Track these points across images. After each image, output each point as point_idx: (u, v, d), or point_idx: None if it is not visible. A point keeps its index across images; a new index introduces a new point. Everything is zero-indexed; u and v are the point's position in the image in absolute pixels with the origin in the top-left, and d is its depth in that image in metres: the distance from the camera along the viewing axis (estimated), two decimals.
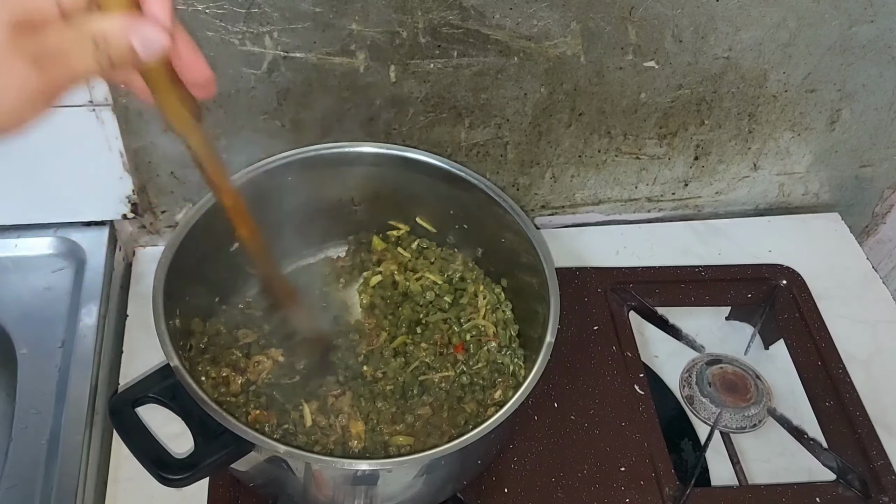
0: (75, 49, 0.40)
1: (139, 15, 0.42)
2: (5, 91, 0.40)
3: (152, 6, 0.42)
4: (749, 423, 0.81)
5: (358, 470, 0.58)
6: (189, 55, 0.45)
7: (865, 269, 0.98)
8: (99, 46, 0.40)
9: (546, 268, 0.69)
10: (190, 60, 0.46)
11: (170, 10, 0.42)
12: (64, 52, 0.40)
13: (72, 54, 0.40)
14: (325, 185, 0.77)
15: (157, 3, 0.42)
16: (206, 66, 0.46)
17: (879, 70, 0.89)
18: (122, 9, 0.41)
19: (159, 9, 0.42)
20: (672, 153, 0.94)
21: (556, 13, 0.77)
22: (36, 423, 0.72)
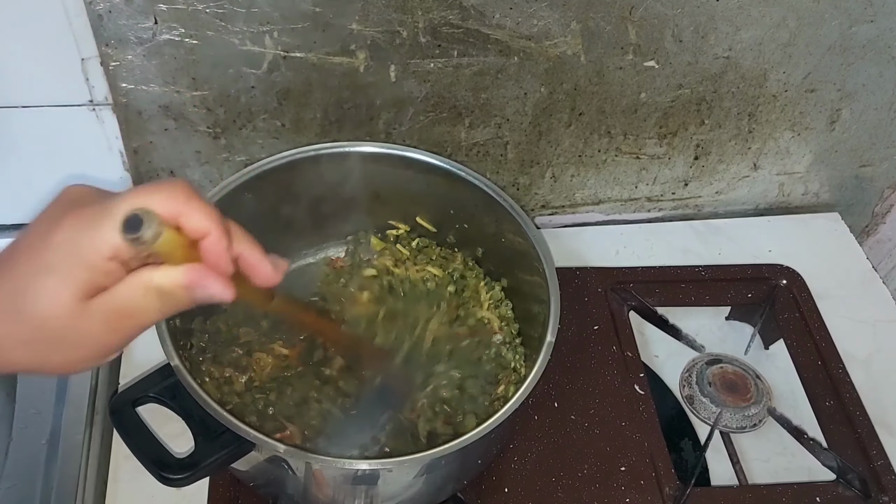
0: (142, 305, 0.43)
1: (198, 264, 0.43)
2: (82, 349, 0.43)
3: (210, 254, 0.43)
4: (749, 422, 0.81)
5: (358, 469, 0.58)
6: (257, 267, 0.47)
7: (865, 268, 0.98)
8: (163, 299, 0.43)
9: (546, 267, 0.69)
10: (259, 271, 0.48)
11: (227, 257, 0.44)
12: (132, 310, 0.43)
13: (139, 310, 0.43)
14: (325, 184, 0.77)
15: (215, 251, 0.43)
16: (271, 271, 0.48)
17: (879, 70, 0.89)
18: (181, 260, 0.43)
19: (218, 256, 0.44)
20: (672, 153, 0.94)
21: (556, 13, 0.77)
22: (36, 422, 0.72)
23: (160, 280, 0.42)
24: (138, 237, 0.40)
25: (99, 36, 0.72)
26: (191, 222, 0.42)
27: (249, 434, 0.57)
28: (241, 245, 0.46)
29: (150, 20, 0.71)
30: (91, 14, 0.70)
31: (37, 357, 0.43)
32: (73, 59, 0.72)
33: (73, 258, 0.41)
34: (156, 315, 0.43)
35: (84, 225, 0.42)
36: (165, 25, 0.72)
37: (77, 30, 0.70)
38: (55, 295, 0.41)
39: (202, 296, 0.43)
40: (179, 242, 0.42)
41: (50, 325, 0.41)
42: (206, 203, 0.43)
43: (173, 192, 0.42)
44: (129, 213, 0.40)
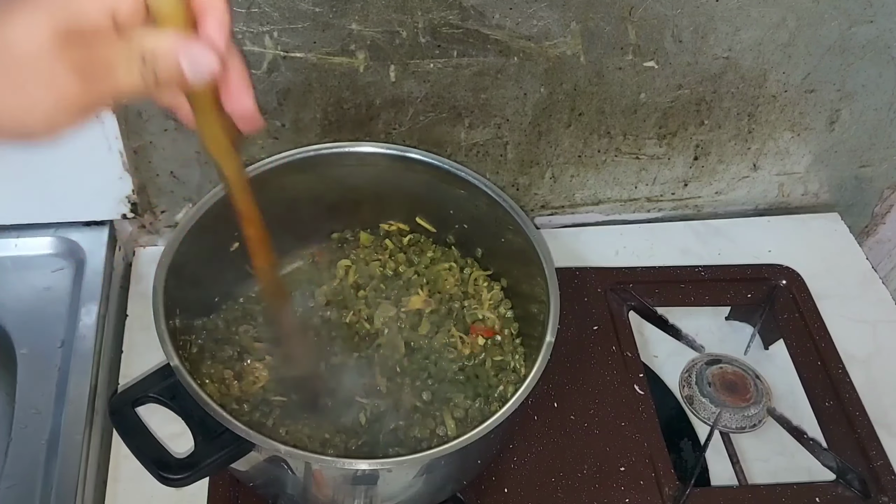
0: (122, 63, 0.39)
1: (193, 35, 0.41)
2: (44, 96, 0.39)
3: (208, 28, 0.41)
4: (749, 422, 0.81)
5: (358, 469, 0.58)
6: (238, 86, 0.45)
7: (865, 269, 0.98)
8: (147, 63, 0.39)
9: (546, 268, 0.69)
10: (238, 91, 0.45)
11: (226, 34, 0.41)
12: (110, 65, 0.39)
13: (118, 68, 0.39)
14: (324, 185, 0.77)
15: (213, 25, 0.41)
16: (252, 101, 0.45)
17: (879, 70, 0.89)
18: (177, 26, 0.40)
19: (215, 31, 0.41)
20: (672, 153, 0.94)
21: (556, 13, 0.77)
22: (36, 422, 0.72)
23: (149, 41, 0.39)
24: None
25: None
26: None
27: (249, 434, 0.57)
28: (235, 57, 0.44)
29: None
30: None
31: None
32: None
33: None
34: (135, 79, 0.40)
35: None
36: None
37: None
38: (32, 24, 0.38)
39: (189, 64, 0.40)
40: (180, 6, 0.40)
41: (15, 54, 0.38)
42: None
43: None
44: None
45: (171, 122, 0.80)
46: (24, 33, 0.38)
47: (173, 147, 0.82)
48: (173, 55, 0.39)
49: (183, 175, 0.85)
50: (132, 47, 0.39)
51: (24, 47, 0.38)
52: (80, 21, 0.38)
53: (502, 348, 0.77)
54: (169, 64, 0.39)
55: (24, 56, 0.38)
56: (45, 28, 0.38)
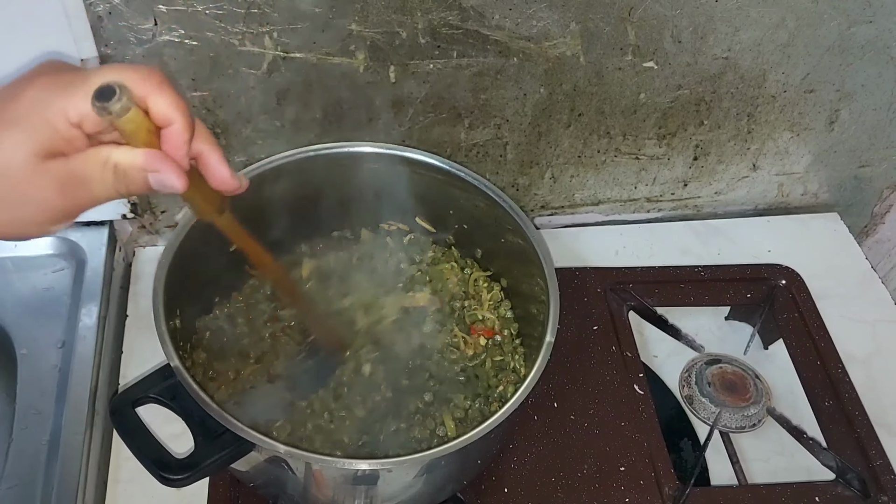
0: (97, 176, 0.43)
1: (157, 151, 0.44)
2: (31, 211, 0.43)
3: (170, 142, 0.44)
4: (748, 422, 0.81)
5: (358, 470, 0.58)
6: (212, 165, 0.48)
7: (864, 268, 0.98)
8: (118, 177, 0.43)
9: (546, 268, 0.69)
10: (214, 169, 0.48)
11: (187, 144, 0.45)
12: (86, 178, 0.43)
13: (93, 181, 0.43)
14: (324, 185, 0.77)
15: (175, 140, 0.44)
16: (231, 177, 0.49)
17: (878, 70, 0.89)
18: (142, 143, 0.44)
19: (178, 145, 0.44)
20: (671, 153, 0.94)
21: (556, 14, 0.77)
22: (36, 423, 0.72)
23: (118, 157, 0.43)
24: (107, 107, 0.41)
25: (99, 37, 0.72)
26: (158, 106, 0.44)
27: (249, 434, 0.57)
28: (202, 144, 0.47)
29: (149, 21, 0.71)
30: (91, 15, 0.70)
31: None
32: (73, 60, 0.72)
33: (40, 115, 0.42)
34: (109, 191, 0.44)
35: (57, 87, 0.43)
36: (165, 26, 0.72)
37: (77, 31, 0.70)
38: (14, 147, 0.41)
39: (156, 181, 0.44)
40: (144, 125, 0.43)
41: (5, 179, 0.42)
42: (176, 93, 0.44)
43: (148, 74, 0.44)
44: (103, 84, 0.42)
45: None
46: (8, 154, 0.41)
47: None
48: (140, 172, 0.44)
49: None
50: (104, 160, 0.43)
51: (9, 167, 0.41)
52: (54, 136, 0.42)
53: (502, 348, 0.77)
54: (137, 178, 0.44)
55: (10, 176, 0.42)
56: (26, 147, 0.41)
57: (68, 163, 0.43)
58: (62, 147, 0.43)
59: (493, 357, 0.76)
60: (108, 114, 0.42)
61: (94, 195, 0.44)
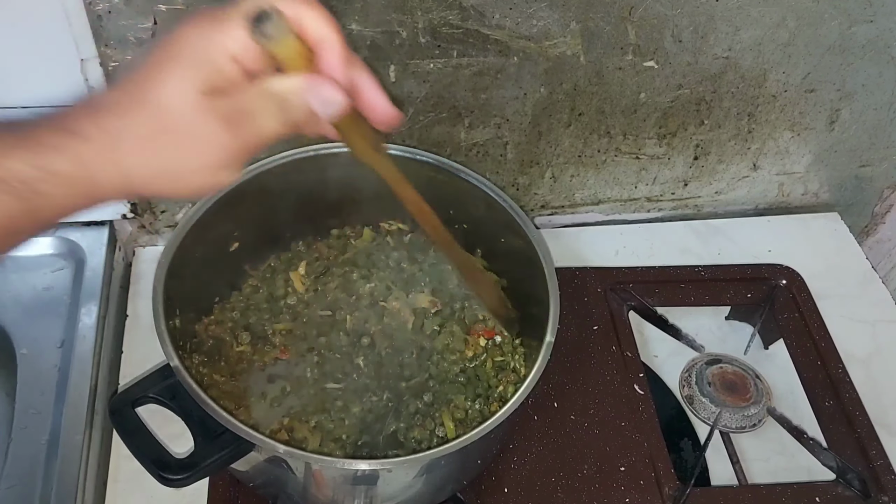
0: (261, 109, 0.43)
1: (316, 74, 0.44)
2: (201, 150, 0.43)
3: (328, 64, 0.44)
4: (749, 422, 0.81)
5: (358, 470, 0.58)
6: (370, 96, 0.47)
7: (865, 268, 0.98)
8: (282, 108, 0.43)
9: (546, 268, 0.69)
10: (371, 100, 0.47)
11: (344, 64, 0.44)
12: (251, 113, 0.43)
13: (258, 114, 0.43)
14: (324, 184, 0.77)
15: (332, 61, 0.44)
16: (389, 106, 0.47)
17: (879, 70, 0.89)
18: (300, 69, 0.43)
19: (334, 63, 0.44)
20: (672, 153, 0.94)
21: (556, 13, 0.77)
22: (35, 423, 0.72)
23: (279, 85, 0.43)
24: (264, 30, 0.42)
25: (98, 37, 0.72)
26: (311, 25, 0.43)
27: (249, 434, 0.57)
28: (359, 72, 0.46)
29: (149, 20, 0.71)
30: (91, 15, 0.70)
31: (156, 158, 0.42)
32: (73, 59, 0.72)
33: (201, 52, 0.42)
34: (273, 122, 0.43)
35: (212, 23, 0.43)
36: (165, 26, 0.72)
37: (77, 30, 0.70)
38: (179, 85, 0.41)
39: (318, 102, 0.43)
40: (300, 49, 0.43)
41: (171, 116, 0.41)
42: (326, 11, 0.44)
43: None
44: (257, 10, 0.42)
45: None
46: (174, 94, 0.41)
47: None
48: (302, 98, 0.43)
49: None
50: (266, 94, 0.43)
51: (177, 108, 0.41)
52: (216, 73, 0.42)
53: (502, 349, 0.76)
54: (301, 106, 0.43)
55: (178, 116, 0.41)
56: (190, 86, 0.41)
57: (231, 99, 0.42)
58: (223, 85, 0.42)
59: (493, 357, 0.75)
60: (264, 37, 0.42)
61: (260, 129, 0.43)
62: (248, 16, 0.42)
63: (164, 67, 0.42)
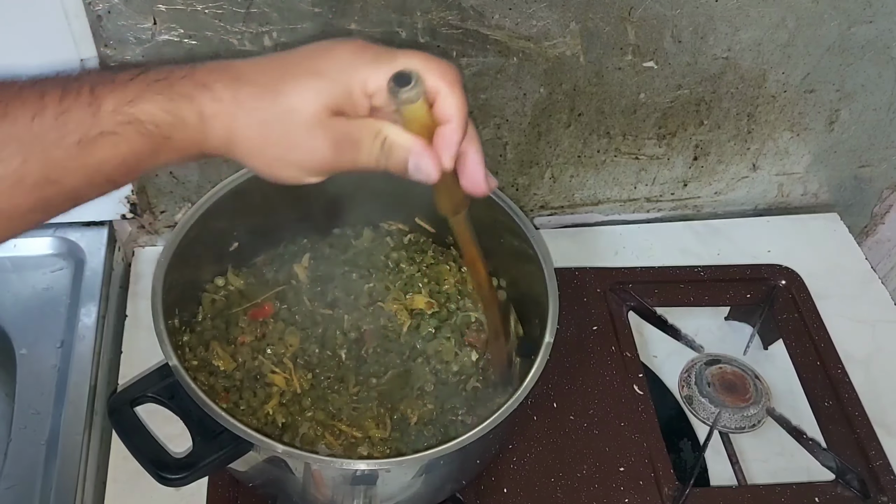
0: (367, 144, 0.47)
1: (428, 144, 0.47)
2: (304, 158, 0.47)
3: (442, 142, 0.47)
4: (748, 423, 0.81)
5: (357, 470, 0.58)
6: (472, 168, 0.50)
7: (864, 269, 0.98)
8: (383, 149, 0.47)
9: (545, 268, 0.69)
10: (471, 172, 0.50)
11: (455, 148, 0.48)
12: (357, 142, 0.47)
13: (362, 147, 0.47)
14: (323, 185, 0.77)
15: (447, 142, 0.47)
16: (483, 181, 0.51)
17: (878, 70, 0.89)
18: (417, 132, 0.47)
19: (447, 147, 0.47)
20: (671, 153, 0.94)
21: (556, 13, 0.77)
22: (35, 423, 0.72)
23: (391, 133, 0.47)
24: (400, 93, 0.45)
25: (98, 37, 0.72)
26: (445, 105, 0.47)
27: (248, 434, 0.57)
28: (468, 143, 0.49)
29: (149, 21, 0.71)
30: (90, 15, 0.70)
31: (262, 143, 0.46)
32: (72, 59, 0.72)
33: (343, 76, 0.46)
34: (371, 159, 0.47)
35: (367, 56, 0.46)
36: (164, 26, 0.72)
37: (76, 30, 0.70)
38: (311, 94, 0.45)
39: (414, 167, 0.47)
40: (424, 117, 0.47)
41: (292, 117, 0.45)
42: (463, 95, 0.47)
43: (447, 72, 0.47)
44: (404, 69, 0.45)
45: None
46: (304, 102, 0.45)
47: None
48: (405, 154, 0.47)
49: (182, 175, 0.85)
50: (377, 134, 0.47)
51: (301, 113, 0.45)
52: (347, 98, 0.46)
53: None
54: (399, 158, 0.47)
55: (298, 120, 0.45)
56: (322, 101, 0.45)
57: (348, 124, 0.46)
58: (348, 109, 0.46)
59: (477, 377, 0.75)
60: (398, 98, 0.45)
61: (358, 159, 0.47)
62: (395, 69, 0.45)
63: (306, 74, 0.46)
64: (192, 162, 0.47)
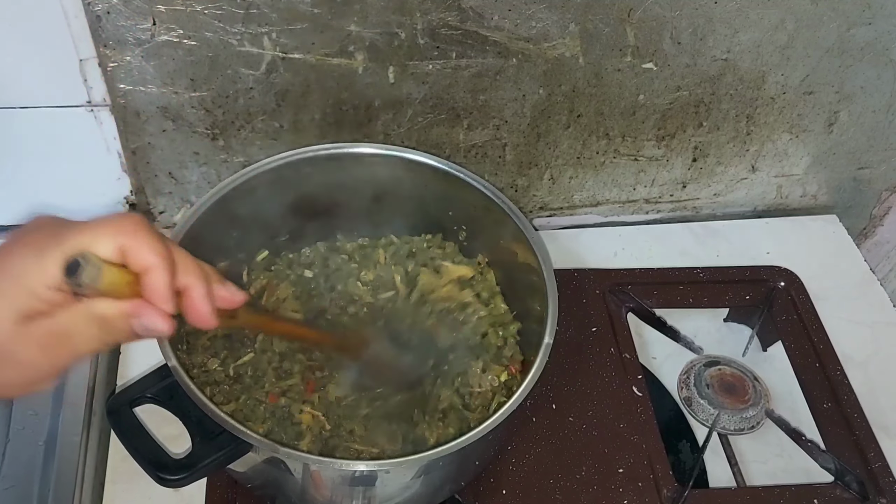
0: (81, 331, 0.44)
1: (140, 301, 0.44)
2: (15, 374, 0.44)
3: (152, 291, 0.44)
4: (747, 424, 0.81)
5: (356, 471, 0.58)
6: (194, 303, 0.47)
7: (863, 270, 0.98)
8: (104, 329, 0.44)
9: (544, 269, 0.69)
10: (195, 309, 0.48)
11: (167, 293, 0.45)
12: (69, 334, 0.44)
13: (77, 336, 0.44)
14: (323, 186, 0.77)
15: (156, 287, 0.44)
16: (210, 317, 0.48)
17: (877, 72, 0.89)
18: (124, 296, 0.44)
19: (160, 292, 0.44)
20: (670, 155, 0.94)
21: (555, 15, 0.77)
22: (33, 424, 0.72)
23: (102, 308, 0.44)
24: (76, 281, 0.42)
25: (97, 37, 0.72)
26: (136, 256, 0.44)
27: (247, 435, 0.57)
28: (188, 277, 0.47)
29: (148, 21, 0.71)
30: (89, 15, 0.70)
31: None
32: (72, 60, 0.72)
33: (18, 284, 0.43)
34: (94, 343, 0.45)
35: (33, 254, 0.43)
36: (164, 26, 0.72)
37: (75, 31, 0.70)
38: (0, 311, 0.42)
39: (141, 327, 0.45)
40: (122, 279, 0.44)
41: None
42: (154, 237, 0.45)
43: (122, 226, 0.44)
44: (69, 257, 0.42)
45: (169, 123, 0.80)
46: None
47: (171, 148, 0.82)
48: (125, 321, 0.44)
49: (181, 176, 0.85)
50: (90, 316, 0.44)
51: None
52: (34, 301, 0.43)
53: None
54: (122, 328, 0.45)
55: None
56: (6, 314, 0.42)
57: (51, 321, 0.43)
58: (43, 308, 0.43)
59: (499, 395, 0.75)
60: (78, 286, 0.42)
61: (76, 350, 0.44)
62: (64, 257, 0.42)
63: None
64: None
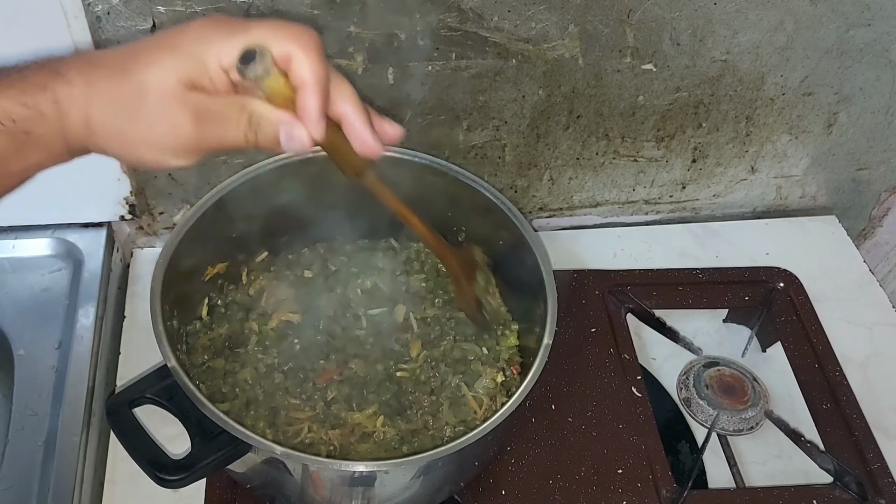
0: (232, 119, 0.46)
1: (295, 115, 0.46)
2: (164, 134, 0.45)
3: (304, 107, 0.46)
4: (746, 425, 0.81)
5: (355, 471, 0.58)
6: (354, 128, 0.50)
7: (862, 271, 0.98)
8: (252, 125, 0.46)
9: (543, 270, 0.69)
10: (356, 135, 0.50)
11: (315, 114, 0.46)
12: (222, 118, 0.45)
13: (228, 123, 0.46)
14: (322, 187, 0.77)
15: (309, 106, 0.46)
16: (372, 142, 0.50)
17: (876, 73, 0.89)
18: (282, 105, 0.46)
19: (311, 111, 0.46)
20: (670, 156, 0.94)
21: (555, 16, 0.77)
22: (33, 424, 0.72)
23: (258, 108, 0.46)
24: (246, 71, 0.44)
25: (97, 37, 0.72)
26: (297, 70, 0.45)
27: (246, 436, 0.57)
28: (346, 106, 0.49)
29: (148, 22, 0.71)
30: (89, 15, 0.70)
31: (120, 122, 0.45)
32: None
33: (196, 50, 0.45)
34: (240, 135, 0.46)
35: (219, 31, 0.45)
36: (164, 27, 0.72)
37: (75, 31, 0.70)
38: (165, 70, 0.44)
39: (286, 137, 0.46)
40: (282, 90, 0.46)
41: (146, 92, 0.44)
42: (320, 59, 0.46)
43: (299, 36, 0.46)
44: (250, 46, 0.44)
45: None
46: (154, 77, 0.44)
47: None
48: (274, 127, 0.46)
49: (181, 177, 0.85)
50: (243, 109, 0.46)
51: (154, 90, 0.44)
52: (202, 72, 0.45)
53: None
54: (269, 133, 0.46)
55: (154, 95, 0.44)
56: (173, 74, 0.44)
57: (209, 100, 0.45)
58: (205, 84, 0.45)
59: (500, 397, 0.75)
60: (247, 77, 0.44)
61: (225, 135, 0.46)
62: (247, 42, 0.44)
63: (157, 50, 0.45)
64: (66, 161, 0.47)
